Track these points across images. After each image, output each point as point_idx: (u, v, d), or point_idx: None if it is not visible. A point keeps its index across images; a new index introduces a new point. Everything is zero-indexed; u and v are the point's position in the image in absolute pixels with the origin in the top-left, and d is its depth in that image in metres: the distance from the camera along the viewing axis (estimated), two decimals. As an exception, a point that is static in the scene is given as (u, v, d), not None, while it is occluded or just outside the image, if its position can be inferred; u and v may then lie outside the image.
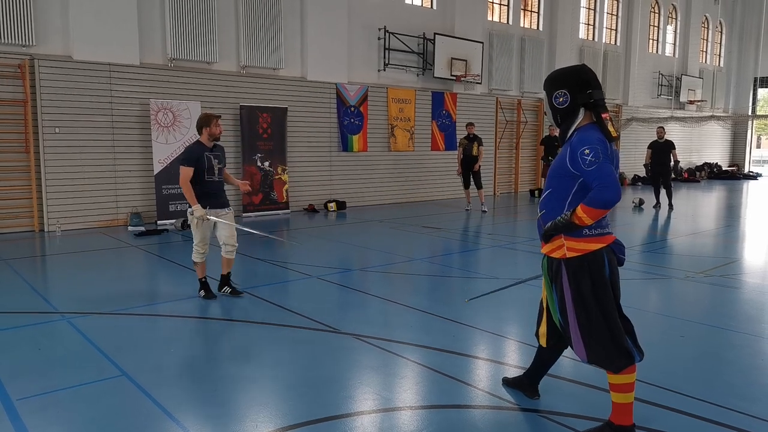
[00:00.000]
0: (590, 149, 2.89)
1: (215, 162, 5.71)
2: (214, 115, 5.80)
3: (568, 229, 3.00)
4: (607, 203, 2.83)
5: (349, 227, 11.11)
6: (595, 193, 2.85)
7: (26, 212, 9.83)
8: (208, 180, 5.66)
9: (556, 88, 3.11)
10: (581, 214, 2.91)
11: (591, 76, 3.09)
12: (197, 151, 5.65)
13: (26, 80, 9.51)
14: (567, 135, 3.09)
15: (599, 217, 2.92)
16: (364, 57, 13.93)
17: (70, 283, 6.58)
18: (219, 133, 5.75)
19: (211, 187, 5.69)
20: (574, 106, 3.06)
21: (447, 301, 5.88)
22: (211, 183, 5.69)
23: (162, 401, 3.54)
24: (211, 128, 5.68)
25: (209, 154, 5.69)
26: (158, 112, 10.57)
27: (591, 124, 3.05)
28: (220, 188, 5.80)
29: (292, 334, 4.82)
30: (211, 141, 5.74)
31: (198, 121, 5.77)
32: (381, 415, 3.40)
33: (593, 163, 2.86)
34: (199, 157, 5.62)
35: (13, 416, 3.34)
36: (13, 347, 4.48)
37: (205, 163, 5.63)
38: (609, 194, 2.82)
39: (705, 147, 25.83)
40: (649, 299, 6.09)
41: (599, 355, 3.05)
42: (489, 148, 16.18)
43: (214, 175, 5.71)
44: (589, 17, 20.23)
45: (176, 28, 10.88)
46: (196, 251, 5.82)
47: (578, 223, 2.94)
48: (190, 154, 5.63)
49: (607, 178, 2.83)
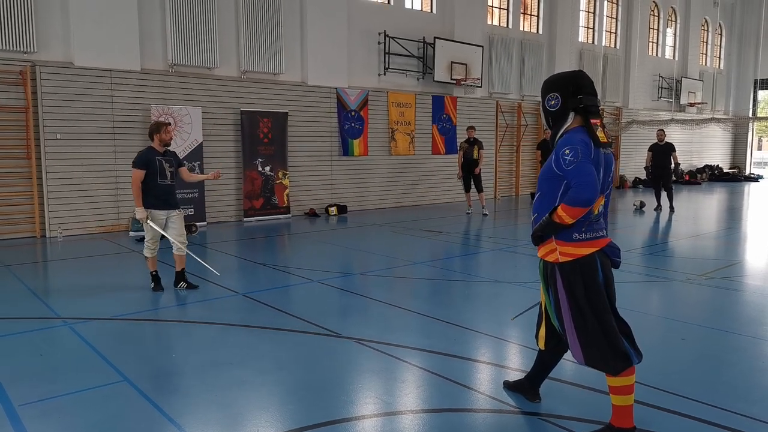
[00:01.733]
0: (570, 149, 2.95)
1: (167, 166, 6.16)
2: (164, 122, 6.34)
3: (552, 229, 3.04)
4: (584, 202, 2.87)
5: (350, 231, 11.12)
6: (573, 192, 2.91)
7: (28, 218, 9.84)
8: (161, 183, 6.13)
9: (550, 92, 3.17)
10: (561, 213, 2.96)
11: (585, 83, 3.13)
12: (148, 155, 6.10)
13: (27, 86, 9.54)
14: (557, 137, 3.14)
15: (579, 216, 2.95)
16: (365, 61, 13.97)
17: (71, 289, 6.59)
18: (169, 139, 6.27)
19: (162, 190, 6.14)
20: (565, 109, 3.11)
21: (448, 305, 5.88)
22: (162, 186, 6.14)
23: (163, 406, 3.54)
24: (161, 135, 6.18)
25: (161, 158, 6.14)
26: (159, 118, 10.59)
27: (579, 127, 3.09)
28: (171, 191, 6.25)
29: (293, 338, 4.82)
30: (163, 146, 6.21)
31: (149, 129, 6.31)
32: (382, 419, 3.40)
33: (572, 162, 2.92)
34: (150, 161, 6.06)
35: (15, 422, 3.35)
36: (15, 353, 4.49)
37: (157, 167, 6.07)
38: (586, 193, 2.86)
39: (706, 149, 25.83)
40: (650, 302, 6.09)
41: (596, 358, 3.06)
42: (489, 151, 16.19)
43: (166, 179, 6.17)
44: (589, 20, 20.27)
45: (177, 33, 10.92)
46: (147, 247, 6.29)
47: (559, 222, 2.99)
48: (141, 158, 6.10)
49: (585, 177, 2.88)
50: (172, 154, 6.32)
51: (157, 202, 6.10)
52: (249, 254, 8.39)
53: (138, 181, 6.02)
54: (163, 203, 6.15)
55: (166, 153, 6.23)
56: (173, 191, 6.28)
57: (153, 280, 6.41)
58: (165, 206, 6.16)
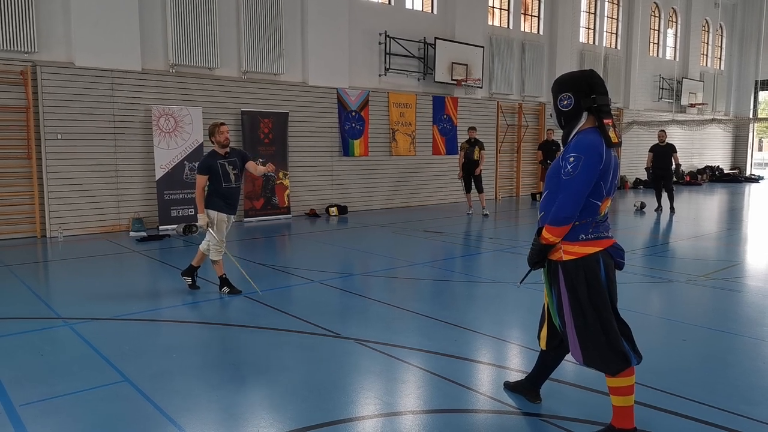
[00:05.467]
0: (575, 158, 2.96)
1: (230, 168, 5.93)
2: (218, 122, 6.04)
3: (543, 251, 3.10)
4: (564, 219, 2.97)
5: (350, 232, 11.12)
6: (554, 209, 2.99)
7: (28, 218, 9.85)
8: (226, 188, 5.95)
9: (562, 91, 3.16)
10: (547, 235, 3.04)
11: (597, 82, 3.12)
12: (209, 160, 5.94)
13: (28, 87, 9.54)
14: (569, 137, 3.13)
15: (563, 234, 3.02)
16: (365, 62, 13.97)
17: (72, 289, 6.59)
18: (224, 140, 5.97)
19: (228, 195, 5.99)
20: (578, 109, 3.10)
21: (449, 306, 5.88)
22: (228, 190, 5.97)
23: (164, 407, 3.54)
24: (216, 136, 5.96)
25: (222, 162, 5.92)
26: (160, 118, 10.60)
27: (592, 128, 3.07)
28: (237, 195, 6.09)
29: (294, 339, 4.82)
30: (222, 148, 5.97)
31: (208, 131, 6.09)
32: (383, 420, 3.40)
33: (569, 173, 2.96)
34: (211, 165, 5.89)
35: (16, 422, 3.35)
36: (16, 353, 4.49)
37: (219, 171, 5.88)
38: (566, 211, 2.96)
39: (706, 150, 25.82)
40: (651, 303, 6.08)
41: (595, 358, 3.06)
42: (490, 152, 16.19)
43: (231, 182, 5.98)
44: (590, 21, 20.26)
45: (178, 34, 10.93)
46: (214, 250, 6.07)
47: (546, 243, 3.06)
48: (203, 163, 5.96)
49: (571, 196, 2.94)
50: (237, 153, 6.09)
51: (224, 205, 5.96)
52: (249, 255, 8.39)
53: (201, 187, 5.87)
54: (229, 207, 6.01)
55: (229, 154, 6.00)
56: (238, 195, 6.14)
57: (227, 285, 6.17)
58: (230, 210, 6.03)
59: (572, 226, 3.02)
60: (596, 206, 3.03)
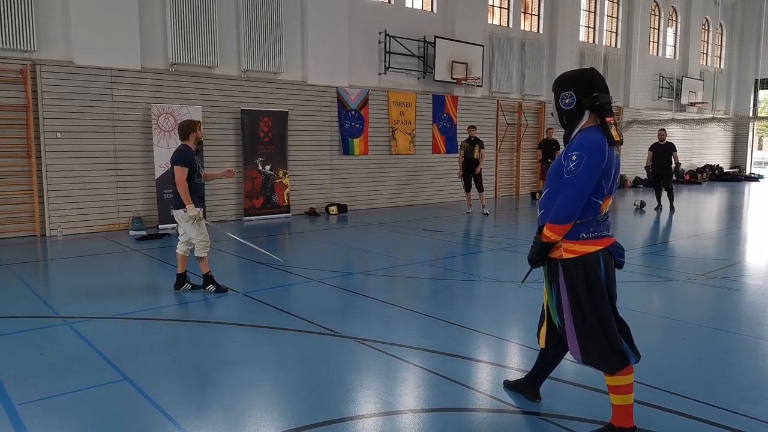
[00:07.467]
0: (578, 157, 2.95)
1: (199, 164, 6.14)
2: (197, 120, 6.23)
3: (543, 250, 3.10)
4: (565, 218, 2.97)
5: (350, 230, 11.12)
6: (556, 207, 2.98)
7: (28, 217, 9.84)
8: (198, 182, 6.08)
9: (564, 90, 3.15)
10: (548, 233, 3.04)
11: (598, 80, 3.11)
12: (189, 153, 6.02)
13: (28, 85, 9.54)
14: (571, 136, 3.12)
15: (565, 232, 3.02)
16: (365, 60, 13.96)
17: (71, 288, 6.59)
18: (202, 137, 6.26)
19: (200, 189, 6.13)
20: (580, 108, 3.09)
21: (448, 304, 5.88)
22: (199, 185, 6.12)
23: (164, 405, 3.54)
24: (198, 133, 6.12)
25: (196, 157, 6.10)
26: (159, 117, 10.59)
27: (594, 126, 3.07)
28: (204, 190, 6.28)
29: (293, 338, 4.82)
30: (196, 145, 6.16)
31: (184, 128, 6.13)
32: (383, 419, 3.40)
33: (571, 172, 2.96)
34: (192, 159, 5.99)
35: (15, 421, 3.35)
36: (15, 352, 4.49)
37: (197, 165, 6.04)
38: (567, 210, 2.96)
39: (706, 149, 25.82)
40: (650, 302, 6.08)
41: (594, 356, 3.06)
42: (490, 150, 16.19)
43: (201, 178, 6.17)
44: (590, 20, 20.25)
45: (177, 32, 10.91)
46: (203, 246, 6.09)
47: (547, 241, 3.06)
48: (185, 156, 5.95)
49: (573, 195, 2.94)
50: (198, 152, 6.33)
51: (198, 200, 6.06)
52: (249, 253, 8.39)
53: (185, 179, 5.90)
54: (201, 201, 6.16)
55: (198, 152, 6.21)
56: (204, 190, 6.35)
57: (212, 283, 6.19)
58: (202, 204, 6.18)
59: (573, 225, 3.02)
60: (597, 205, 3.02)
